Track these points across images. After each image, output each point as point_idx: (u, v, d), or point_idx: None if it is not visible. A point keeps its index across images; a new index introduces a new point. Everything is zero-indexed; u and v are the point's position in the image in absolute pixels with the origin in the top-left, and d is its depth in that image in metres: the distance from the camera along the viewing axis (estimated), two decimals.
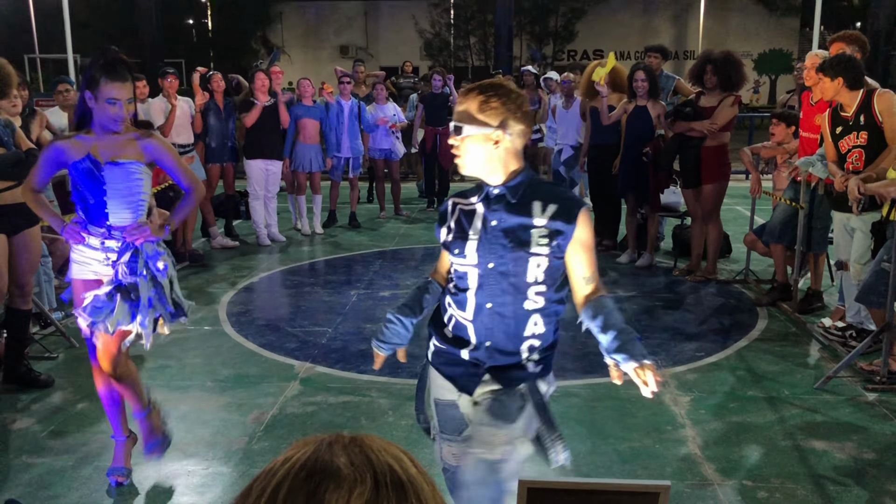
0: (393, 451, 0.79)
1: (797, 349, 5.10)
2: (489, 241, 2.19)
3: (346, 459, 0.76)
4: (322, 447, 0.78)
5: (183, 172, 3.29)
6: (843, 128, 4.85)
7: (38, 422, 4.03)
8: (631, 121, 6.89)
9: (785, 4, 33.68)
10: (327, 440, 0.80)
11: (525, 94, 2.75)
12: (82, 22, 18.89)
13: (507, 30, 17.69)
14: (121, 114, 3.05)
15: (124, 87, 3.04)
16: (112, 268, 3.16)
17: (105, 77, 2.99)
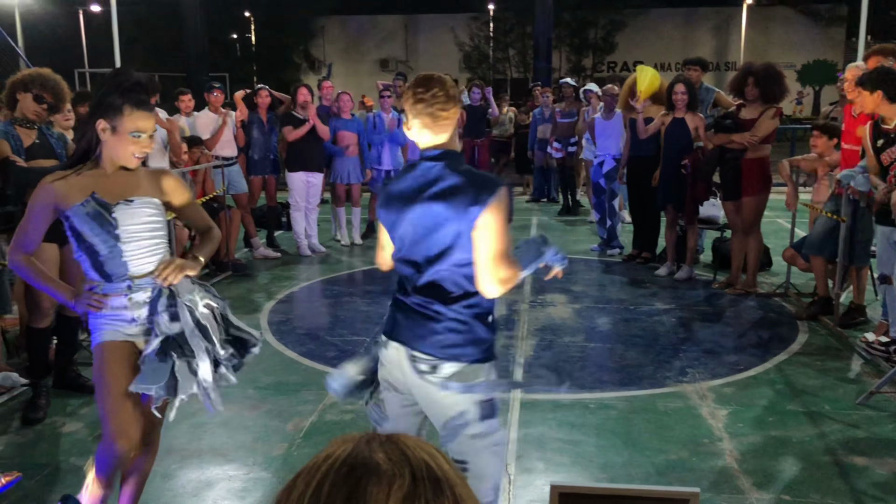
0: (427, 448, 0.84)
1: (838, 364, 5.03)
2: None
3: (384, 455, 0.81)
4: (361, 444, 0.83)
5: (196, 213, 2.92)
6: (885, 140, 4.80)
7: (85, 426, 4.15)
8: (669, 133, 6.88)
9: (830, 14, 33.21)
10: (365, 438, 0.85)
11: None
12: (130, 37, 19.36)
13: (547, 42, 17.72)
14: (146, 149, 2.64)
15: (151, 117, 2.66)
16: (148, 324, 2.70)
17: (130, 105, 2.57)
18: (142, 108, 2.61)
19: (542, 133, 11.24)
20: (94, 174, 2.67)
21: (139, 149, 2.63)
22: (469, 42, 35.75)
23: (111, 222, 2.63)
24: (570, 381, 4.68)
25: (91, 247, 2.64)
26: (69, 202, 2.61)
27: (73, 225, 2.63)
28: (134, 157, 2.65)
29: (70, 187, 2.62)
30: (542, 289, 6.86)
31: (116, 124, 2.59)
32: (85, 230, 2.62)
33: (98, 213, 2.62)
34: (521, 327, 5.75)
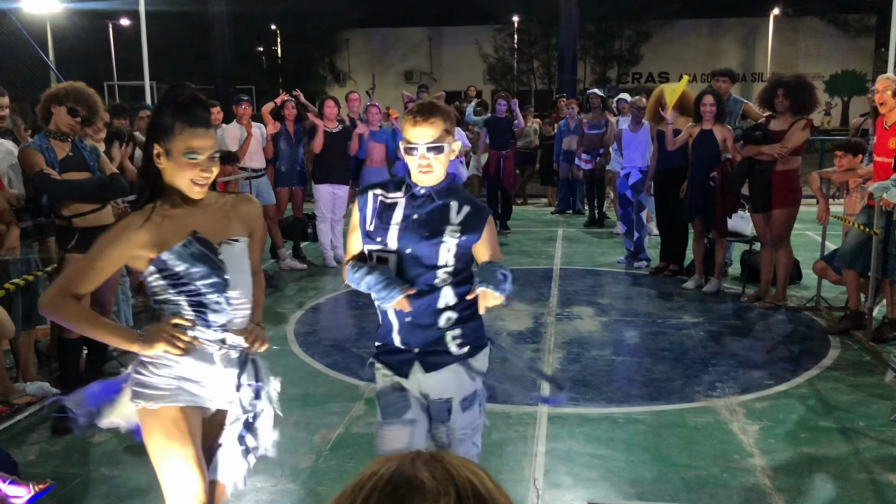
0: (471, 467, 0.84)
1: (872, 379, 4.95)
2: (409, 230, 2.51)
3: (428, 474, 0.80)
4: (405, 462, 0.83)
5: (258, 251, 2.57)
6: None
7: (115, 436, 4.17)
8: (697, 145, 6.83)
9: (859, 24, 32.90)
10: (409, 456, 0.85)
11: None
12: (159, 50, 19.63)
13: (572, 54, 17.71)
14: (206, 174, 2.26)
15: (208, 135, 2.26)
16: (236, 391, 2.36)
17: (181, 122, 2.22)
18: (196, 125, 2.24)
19: (568, 145, 11.23)
20: (182, 211, 2.29)
21: (197, 173, 2.25)
22: (493, 54, 35.85)
23: (219, 265, 2.30)
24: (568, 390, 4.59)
25: (195, 291, 2.28)
26: (165, 246, 2.24)
27: (167, 267, 2.25)
28: (194, 185, 2.26)
29: (162, 229, 2.24)
30: (568, 301, 6.83)
31: (170, 146, 2.24)
32: (190, 273, 2.25)
33: (204, 254, 2.27)
34: (548, 340, 5.72)
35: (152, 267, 2.27)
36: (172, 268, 2.26)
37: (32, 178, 4.15)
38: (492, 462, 3.74)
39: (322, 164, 8.28)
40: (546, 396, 4.33)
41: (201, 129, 2.26)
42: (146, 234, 2.23)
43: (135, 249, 2.23)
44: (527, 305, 6.74)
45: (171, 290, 2.28)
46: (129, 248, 2.23)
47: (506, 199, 10.37)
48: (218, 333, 2.32)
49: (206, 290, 2.29)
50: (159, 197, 2.30)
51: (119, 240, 2.23)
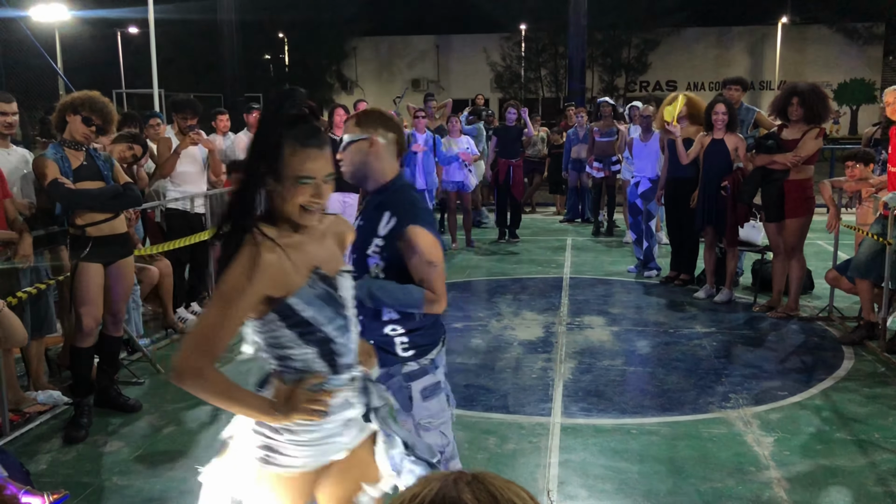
0: (514, 489, 0.83)
1: (887, 390, 4.91)
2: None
3: (471, 496, 0.79)
4: (448, 484, 0.82)
5: None
6: None
7: (127, 445, 4.18)
8: (709, 154, 6.81)
9: (867, 33, 32.85)
10: (452, 477, 0.84)
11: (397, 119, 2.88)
12: (167, 58, 19.71)
13: (580, 62, 17.71)
14: (318, 200, 1.91)
15: (323, 156, 1.92)
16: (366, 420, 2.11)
17: (292, 141, 1.88)
18: (309, 145, 1.89)
19: (577, 153, 11.21)
20: (295, 241, 1.94)
21: (309, 198, 1.90)
22: (501, 62, 35.91)
23: (340, 302, 2.00)
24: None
25: (325, 338, 1.96)
26: (292, 286, 1.90)
27: (294, 314, 1.90)
28: (306, 211, 1.92)
29: (286, 266, 1.88)
30: (579, 311, 6.80)
31: (278, 167, 1.88)
32: (319, 318, 1.93)
33: (328, 294, 1.96)
34: (560, 350, 5.70)
35: (273, 315, 1.90)
36: (300, 314, 1.91)
37: (46, 186, 4.16)
38: (505, 473, 3.69)
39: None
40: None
41: (314, 148, 1.91)
42: (273, 269, 1.85)
43: (267, 287, 1.85)
44: (537, 315, 6.71)
45: (299, 340, 1.93)
46: (263, 285, 1.84)
47: (515, 207, 10.36)
48: (347, 374, 2.04)
49: (334, 334, 1.97)
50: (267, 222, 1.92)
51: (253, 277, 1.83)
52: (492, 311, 6.85)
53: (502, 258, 9.34)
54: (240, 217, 1.88)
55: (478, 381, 5.08)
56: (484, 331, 6.25)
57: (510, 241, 10.25)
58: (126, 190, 4.35)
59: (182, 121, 6.45)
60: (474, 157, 9.71)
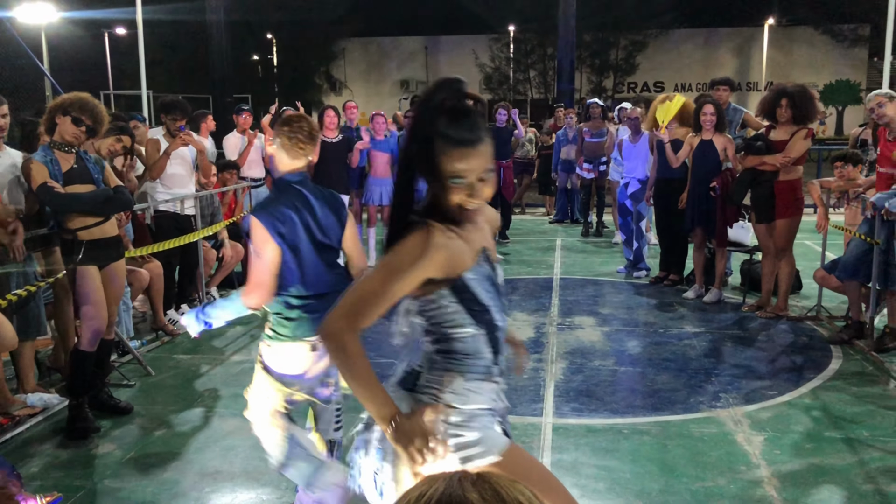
0: (518, 487, 0.83)
1: (875, 389, 4.95)
2: None
3: (477, 495, 0.80)
4: (453, 483, 0.82)
5: None
6: None
7: (118, 447, 4.16)
8: (698, 155, 6.85)
9: (852, 35, 33.08)
10: (456, 476, 0.84)
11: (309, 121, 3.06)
12: (156, 59, 19.63)
13: (570, 63, 17.77)
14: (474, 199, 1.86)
15: (476, 154, 1.83)
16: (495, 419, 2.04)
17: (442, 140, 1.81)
18: (461, 144, 1.80)
19: (566, 154, 11.25)
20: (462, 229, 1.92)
21: (464, 198, 1.85)
22: (490, 63, 35.94)
23: (500, 289, 1.99)
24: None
25: (492, 321, 1.93)
26: (462, 266, 1.88)
27: (470, 291, 1.88)
28: (463, 210, 1.87)
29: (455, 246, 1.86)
30: (569, 311, 6.83)
31: (430, 164, 1.84)
32: (487, 299, 1.91)
33: (490, 276, 1.95)
34: (550, 350, 5.72)
35: (446, 291, 1.87)
36: (474, 290, 1.88)
37: (35, 190, 4.13)
38: None
39: (320, 173, 8.26)
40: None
41: (466, 147, 1.81)
42: (445, 252, 1.83)
43: (432, 270, 1.83)
44: (528, 315, 6.73)
45: (469, 321, 1.89)
46: (429, 268, 1.82)
47: (505, 208, 10.37)
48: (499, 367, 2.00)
49: (498, 318, 1.94)
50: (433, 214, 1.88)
51: (423, 257, 1.81)
52: None
53: None
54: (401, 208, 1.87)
55: None
56: None
57: (500, 242, 10.26)
58: (116, 193, 4.33)
59: (171, 122, 6.43)
60: None
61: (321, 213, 2.96)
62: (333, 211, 3.02)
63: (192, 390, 5.06)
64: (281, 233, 2.85)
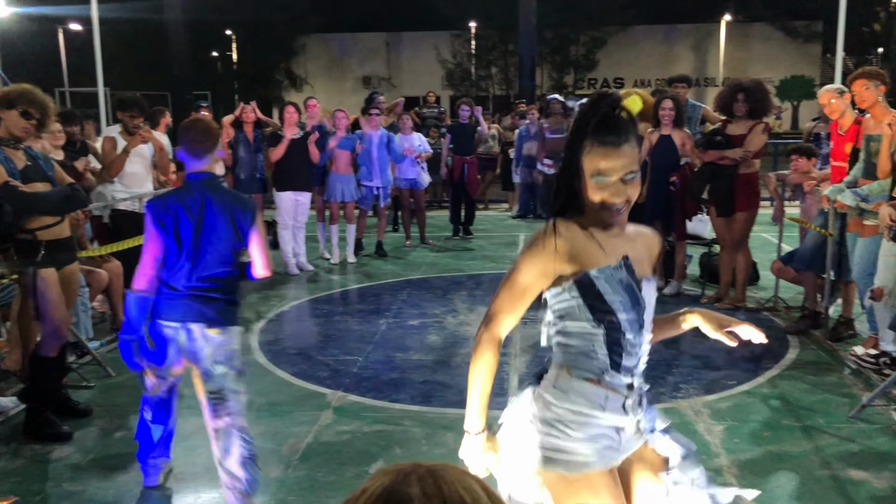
0: (467, 482, 0.83)
1: (830, 377, 5.07)
2: None
3: (419, 490, 0.80)
4: (399, 478, 0.83)
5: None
6: None
7: (77, 450, 4.09)
8: (656, 150, 6.93)
9: (807, 31, 33.71)
10: (405, 470, 0.85)
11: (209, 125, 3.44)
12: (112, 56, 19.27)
13: (531, 60, 17.85)
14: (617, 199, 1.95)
15: (619, 156, 1.94)
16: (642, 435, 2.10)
17: (591, 139, 1.94)
18: (606, 145, 1.93)
19: (528, 150, 11.30)
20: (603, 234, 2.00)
21: (607, 196, 1.95)
22: (452, 59, 35.93)
23: (640, 302, 2.02)
24: None
25: (615, 325, 1.98)
26: (590, 263, 1.96)
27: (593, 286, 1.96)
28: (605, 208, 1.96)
29: (582, 243, 1.98)
30: (533, 305, 6.85)
31: (580, 163, 1.96)
32: (615, 301, 1.96)
33: (630, 285, 1.99)
34: (514, 344, 5.75)
35: (571, 284, 1.96)
36: (597, 286, 1.96)
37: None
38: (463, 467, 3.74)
39: (284, 171, 8.21)
40: None
41: (610, 147, 1.93)
42: (566, 243, 1.95)
43: (553, 261, 1.95)
44: None
45: (590, 317, 1.97)
46: (548, 260, 1.94)
47: (469, 205, 10.43)
48: (625, 379, 2.02)
49: (626, 327, 1.98)
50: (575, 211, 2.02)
51: (539, 250, 1.95)
52: (447, 308, 6.87)
53: (456, 255, 9.37)
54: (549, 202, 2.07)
55: (435, 378, 5.11)
56: (440, 327, 6.27)
57: (464, 238, 10.30)
58: (74, 191, 4.23)
59: (129, 119, 6.31)
60: (426, 154, 9.72)
61: (212, 213, 3.20)
62: (229, 214, 3.23)
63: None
64: (163, 222, 3.15)
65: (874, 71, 5.45)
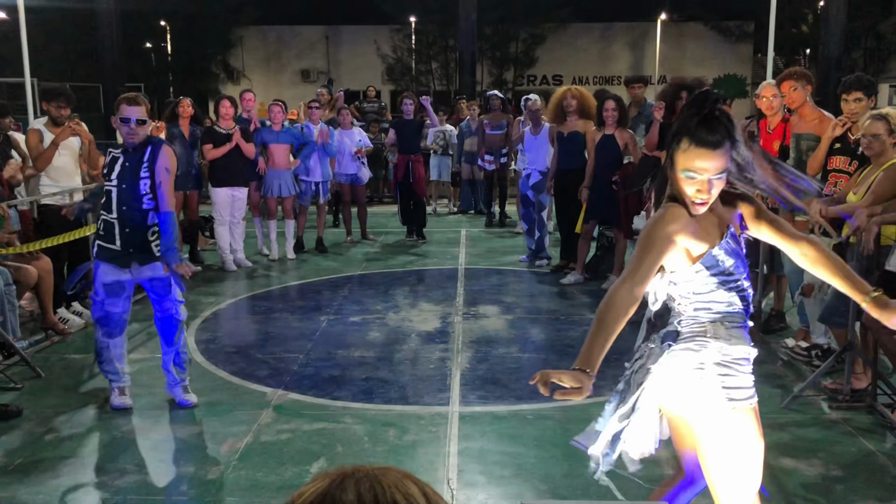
0: (405, 486, 0.83)
1: (763, 369, 5.20)
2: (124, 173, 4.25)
3: (353, 495, 0.79)
4: (336, 482, 0.82)
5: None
6: (843, 147, 4.99)
7: (4, 454, 3.94)
8: (600, 149, 7.02)
9: (739, 31, 34.59)
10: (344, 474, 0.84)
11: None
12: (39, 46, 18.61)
13: (471, 55, 17.89)
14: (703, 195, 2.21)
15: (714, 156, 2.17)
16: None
17: (688, 138, 2.18)
18: (701, 146, 2.16)
19: (469, 146, 11.31)
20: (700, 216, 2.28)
21: (694, 192, 2.21)
22: (392, 54, 35.77)
23: (743, 258, 2.34)
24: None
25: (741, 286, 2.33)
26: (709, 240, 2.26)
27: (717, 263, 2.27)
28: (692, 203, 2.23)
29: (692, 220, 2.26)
30: (474, 301, 6.89)
31: (675, 156, 2.23)
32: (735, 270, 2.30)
33: (736, 252, 2.31)
34: (456, 340, 5.75)
35: (699, 265, 2.27)
36: (723, 263, 2.26)
37: None
38: (405, 464, 3.73)
39: (220, 166, 8.04)
40: None
41: (707, 149, 2.16)
42: (687, 225, 2.23)
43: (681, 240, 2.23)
44: (434, 306, 6.76)
45: (721, 288, 2.29)
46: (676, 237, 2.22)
47: (418, 206, 9.82)
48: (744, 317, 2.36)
49: (745, 284, 2.33)
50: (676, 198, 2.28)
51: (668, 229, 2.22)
52: (389, 304, 6.84)
53: (398, 250, 9.34)
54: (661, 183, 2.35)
55: (377, 374, 5.07)
56: (382, 323, 6.24)
57: (417, 243, 9.80)
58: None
59: (56, 110, 6.09)
60: (367, 149, 9.64)
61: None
62: None
63: (84, 390, 4.85)
64: None
65: (801, 71, 5.61)
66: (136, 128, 4.19)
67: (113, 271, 4.31)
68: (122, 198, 4.25)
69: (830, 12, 17.17)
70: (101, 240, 4.31)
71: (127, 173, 4.21)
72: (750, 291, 2.38)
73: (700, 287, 2.30)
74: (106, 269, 4.30)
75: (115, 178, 4.25)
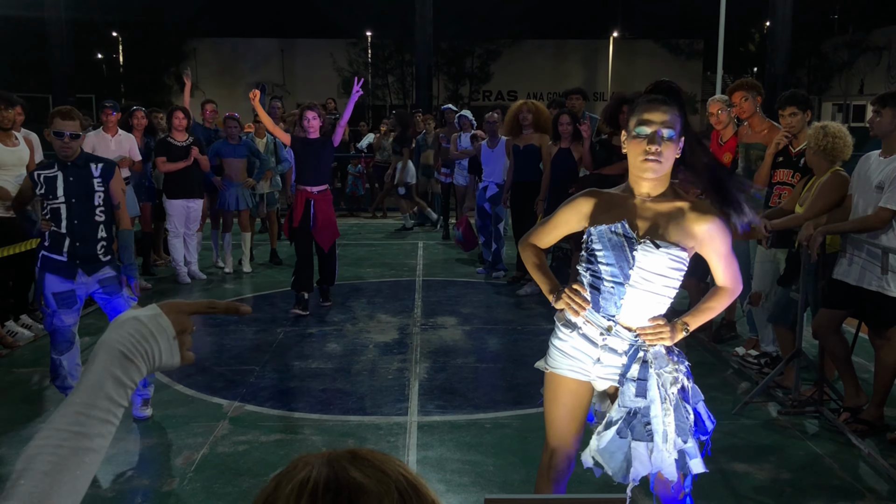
0: (394, 460, 0.82)
1: (714, 377, 5.32)
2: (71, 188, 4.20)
3: (361, 474, 0.77)
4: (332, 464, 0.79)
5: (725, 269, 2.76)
6: (785, 160, 5.14)
7: None
8: (556, 162, 7.12)
9: (689, 49, 35.39)
10: (325, 458, 0.81)
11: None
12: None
13: (427, 70, 17.98)
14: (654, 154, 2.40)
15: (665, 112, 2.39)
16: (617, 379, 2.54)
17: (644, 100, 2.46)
18: (651, 102, 2.37)
19: (425, 159, 11.36)
20: (627, 199, 2.49)
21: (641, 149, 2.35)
22: (348, 67, 35.80)
23: (629, 260, 2.42)
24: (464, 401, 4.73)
25: (598, 274, 2.49)
26: (596, 221, 2.49)
27: (589, 239, 2.52)
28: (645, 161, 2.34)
29: (601, 206, 2.50)
30: (432, 312, 6.91)
31: (629, 126, 2.42)
32: (601, 256, 2.47)
33: (621, 244, 2.43)
34: (414, 350, 5.77)
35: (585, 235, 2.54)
36: (592, 242, 2.48)
37: None
38: None
39: (175, 178, 7.95)
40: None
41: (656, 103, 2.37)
42: (588, 207, 2.51)
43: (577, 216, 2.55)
44: (392, 317, 6.76)
45: (584, 261, 2.54)
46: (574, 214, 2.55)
47: (326, 259, 6.93)
48: (604, 321, 2.49)
49: (607, 279, 2.45)
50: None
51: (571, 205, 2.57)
52: (347, 315, 6.83)
53: (355, 262, 9.32)
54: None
55: (335, 385, 5.06)
56: (339, 335, 6.22)
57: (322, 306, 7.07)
58: None
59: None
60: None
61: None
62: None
63: (34, 406, 4.75)
64: None
65: (752, 82, 5.78)
66: (69, 142, 4.13)
67: (60, 282, 4.25)
68: (73, 212, 4.20)
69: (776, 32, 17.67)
70: (47, 250, 4.25)
71: (74, 188, 4.17)
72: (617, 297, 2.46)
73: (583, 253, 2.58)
74: (53, 279, 4.24)
75: (62, 195, 4.18)
